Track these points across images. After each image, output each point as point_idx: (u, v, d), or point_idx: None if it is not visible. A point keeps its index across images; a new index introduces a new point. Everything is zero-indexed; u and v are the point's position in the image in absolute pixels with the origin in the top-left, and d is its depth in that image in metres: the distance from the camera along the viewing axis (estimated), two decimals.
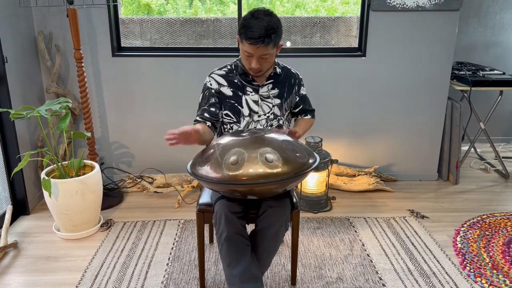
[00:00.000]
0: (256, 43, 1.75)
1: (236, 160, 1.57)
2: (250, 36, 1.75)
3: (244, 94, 1.96)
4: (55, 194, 2.35)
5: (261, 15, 1.77)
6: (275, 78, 2.00)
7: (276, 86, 2.00)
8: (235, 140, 1.67)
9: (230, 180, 1.55)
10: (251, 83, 1.97)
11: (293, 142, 1.72)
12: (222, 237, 1.73)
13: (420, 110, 3.15)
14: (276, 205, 1.77)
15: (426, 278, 2.13)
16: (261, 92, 1.97)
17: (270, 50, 1.80)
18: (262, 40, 1.75)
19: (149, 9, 3.19)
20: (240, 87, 1.97)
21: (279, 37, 1.82)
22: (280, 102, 2.00)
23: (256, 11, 1.80)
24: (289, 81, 2.03)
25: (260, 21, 1.75)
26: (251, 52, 1.80)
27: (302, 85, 2.09)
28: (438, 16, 2.94)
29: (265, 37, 1.74)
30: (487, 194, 3.09)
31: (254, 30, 1.74)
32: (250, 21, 1.77)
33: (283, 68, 2.04)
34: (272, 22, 1.77)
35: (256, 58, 1.81)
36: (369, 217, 2.72)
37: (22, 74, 2.70)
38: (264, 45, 1.76)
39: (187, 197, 3.01)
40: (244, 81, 1.97)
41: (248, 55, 1.82)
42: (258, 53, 1.79)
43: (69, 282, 2.09)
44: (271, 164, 1.57)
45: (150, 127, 3.11)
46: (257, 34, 1.74)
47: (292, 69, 2.08)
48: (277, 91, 1.99)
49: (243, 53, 1.85)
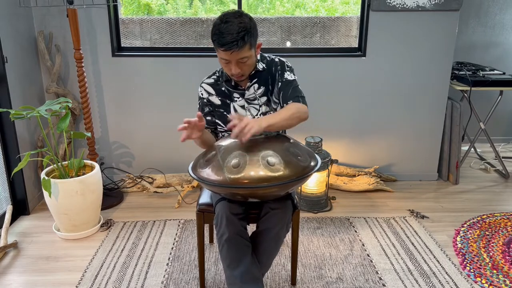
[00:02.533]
0: (230, 49, 1.65)
1: (237, 163, 1.56)
2: (222, 43, 1.65)
3: (231, 101, 1.90)
4: (55, 194, 2.35)
5: (231, 18, 1.66)
6: (258, 75, 1.87)
7: (261, 83, 1.88)
8: (237, 142, 1.66)
9: (232, 183, 1.54)
10: (237, 88, 1.89)
11: (295, 144, 1.71)
12: (223, 238, 1.72)
13: (420, 110, 3.15)
14: (277, 207, 1.76)
15: (426, 278, 2.13)
16: (247, 95, 1.89)
17: (246, 53, 1.70)
18: (236, 44, 1.64)
19: (149, 9, 3.19)
20: (228, 95, 1.90)
21: (253, 37, 1.70)
22: (267, 98, 1.89)
23: (225, 15, 1.68)
24: (271, 72, 1.88)
25: (230, 25, 1.64)
26: (228, 58, 1.70)
27: (286, 70, 1.87)
28: (438, 16, 2.94)
29: (237, 40, 1.64)
30: (487, 194, 3.09)
31: (225, 35, 1.64)
32: (220, 26, 1.66)
33: (268, 62, 1.89)
34: (243, 23, 1.66)
35: (235, 63, 1.72)
36: (369, 217, 2.72)
37: (22, 74, 2.70)
38: (238, 49, 1.66)
39: (187, 197, 3.01)
40: (230, 87, 1.89)
41: (225, 62, 1.73)
42: (235, 58, 1.69)
43: (69, 282, 2.09)
44: (273, 167, 1.56)
45: (150, 127, 3.10)
46: (228, 39, 1.63)
47: (277, 58, 1.91)
48: (263, 88, 1.88)
49: (220, 60, 1.75)
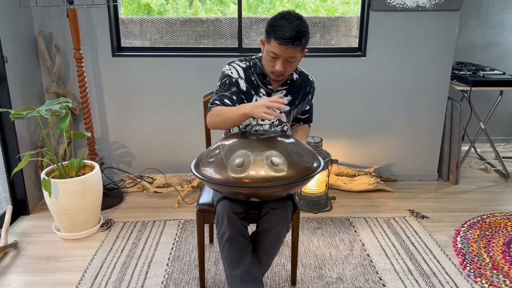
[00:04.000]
0: (286, 44, 1.68)
1: (241, 163, 1.56)
2: (280, 36, 1.68)
3: (256, 94, 1.89)
4: (55, 194, 2.35)
5: (292, 17, 1.70)
6: (290, 84, 1.91)
7: (290, 93, 1.91)
8: (241, 141, 1.65)
9: (235, 183, 1.54)
10: (266, 86, 1.90)
11: (299, 145, 1.71)
12: (223, 238, 1.72)
13: (420, 110, 3.15)
14: (278, 207, 1.76)
15: (426, 278, 2.13)
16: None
17: (297, 54, 1.74)
18: (293, 41, 1.68)
19: (149, 9, 3.19)
20: (255, 86, 1.90)
21: (307, 42, 1.75)
22: (290, 109, 1.92)
23: (287, 13, 1.72)
24: (304, 89, 1.95)
25: (291, 22, 1.68)
26: (278, 53, 1.71)
27: (314, 94, 2.02)
28: (438, 16, 2.94)
29: (295, 39, 1.68)
30: (487, 194, 3.09)
31: (285, 30, 1.67)
32: (280, 21, 1.69)
33: (301, 74, 1.96)
34: (303, 25, 1.70)
35: (282, 60, 1.73)
36: (369, 217, 2.72)
37: (22, 74, 2.70)
38: (293, 47, 1.69)
39: (187, 197, 3.01)
40: (260, 81, 1.90)
41: (274, 56, 1.73)
42: (286, 55, 1.71)
43: (69, 282, 2.09)
44: (277, 167, 1.55)
45: (150, 127, 3.11)
46: (288, 34, 1.67)
47: (310, 76, 1.99)
48: (290, 98, 1.91)
49: (267, 54, 1.76)
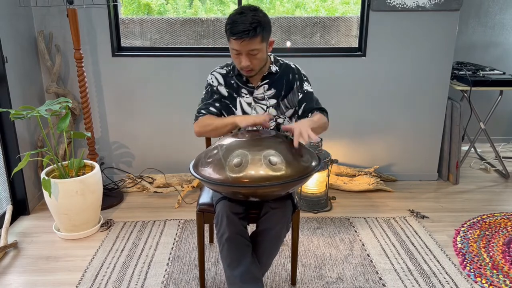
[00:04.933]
0: (241, 38, 1.71)
1: (239, 162, 1.56)
2: (234, 31, 1.71)
3: (239, 96, 1.93)
4: (55, 194, 2.35)
5: (246, 11, 1.74)
6: (270, 77, 1.92)
7: (272, 86, 1.92)
8: (239, 141, 1.66)
9: (233, 182, 1.55)
10: (247, 84, 1.93)
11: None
12: (223, 238, 1.72)
13: (420, 110, 3.15)
14: (278, 207, 1.76)
15: (426, 278, 2.13)
16: (256, 94, 1.93)
17: (257, 45, 1.75)
18: (247, 33, 1.70)
19: (149, 9, 3.19)
20: (236, 89, 1.94)
21: (266, 31, 1.76)
22: (277, 101, 1.93)
23: (241, 8, 1.76)
24: (287, 77, 1.94)
25: (244, 16, 1.71)
26: (238, 49, 1.75)
27: (305, 80, 1.96)
28: (438, 16, 2.94)
29: (249, 30, 1.70)
30: (487, 194, 3.09)
31: (238, 24, 1.71)
32: (234, 17, 1.73)
33: (281, 65, 1.95)
34: (257, 16, 1.73)
35: (245, 55, 1.76)
36: (369, 217, 2.72)
37: (22, 74, 2.70)
38: (249, 39, 1.71)
39: (187, 197, 3.01)
40: (240, 82, 1.93)
41: (236, 52, 1.78)
42: (246, 49, 1.74)
43: (69, 282, 2.09)
44: (275, 166, 1.56)
45: (150, 127, 3.10)
46: (241, 28, 1.70)
47: (292, 64, 1.98)
48: (273, 91, 1.92)
49: (231, 51, 1.80)
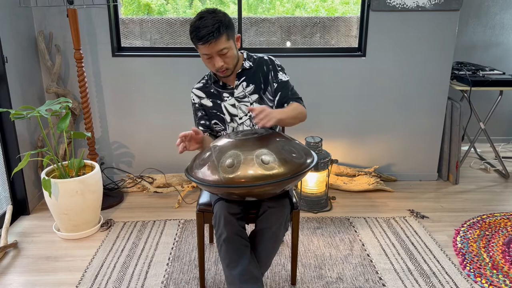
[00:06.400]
0: (207, 41, 1.73)
1: (232, 163, 1.57)
2: (199, 37, 1.74)
3: (222, 101, 1.96)
4: (55, 194, 2.35)
5: (205, 14, 1.76)
6: (246, 74, 1.94)
7: (250, 81, 1.94)
8: (231, 142, 1.67)
9: (227, 183, 1.55)
10: (226, 88, 1.96)
11: (290, 142, 1.72)
12: (221, 238, 1.73)
13: (420, 110, 3.15)
14: (275, 206, 1.77)
15: (426, 278, 2.13)
16: (236, 94, 1.95)
17: (224, 44, 1.77)
18: (212, 35, 1.72)
19: (149, 9, 3.19)
20: (217, 96, 1.97)
21: (229, 28, 1.78)
22: (258, 96, 1.95)
23: (200, 13, 1.78)
24: (261, 70, 1.95)
25: (205, 20, 1.74)
26: (208, 52, 1.78)
27: (279, 70, 1.96)
28: (438, 16, 2.94)
29: (213, 32, 1.72)
30: (487, 194, 3.09)
31: (201, 29, 1.73)
32: (195, 23, 1.76)
33: (255, 60, 1.97)
34: (217, 16, 1.75)
35: (216, 56, 1.79)
36: (369, 217, 2.72)
37: (22, 74, 2.70)
38: (215, 40, 1.74)
39: (187, 197, 3.01)
40: (219, 88, 1.96)
41: (207, 57, 1.81)
42: (215, 50, 1.77)
43: (69, 282, 2.09)
44: (268, 165, 1.56)
45: (150, 127, 3.11)
46: (204, 31, 1.72)
47: (265, 56, 1.99)
48: (252, 86, 1.94)
49: (203, 57, 1.83)
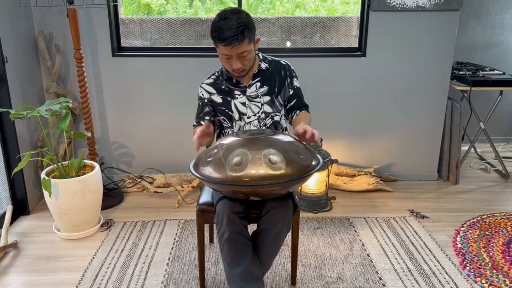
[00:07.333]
0: (230, 43, 1.73)
1: (239, 161, 1.57)
2: (222, 38, 1.73)
3: (232, 98, 1.95)
4: (55, 194, 2.35)
5: (229, 15, 1.74)
6: (261, 75, 1.95)
7: (264, 83, 1.95)
8: (239, 140, 1.66)
9: (233, 181, 1.55)
10: (238, 85, 1.95)
11: (296, 143, 1.72)
12: (223, 237, 1.73)
13: (420, 110, 3.15)
14: (278, 206, 1.76)
15: (426, 278, 2.13)
16: (249, 93, 1.95)
17: (246, 47, 1.77)
18: (236, 38, 1.72)
19: (149, 9, 3.19)
20: (228, 93, 1.96)
21: (252, 31, 1.78)
22: (271, 98, 1.96)
23: (224, 12, 1.76)
24: (278, 74, 1.97)
25: (229, 21, 1.72)
26: (228, 53, 1.77)
27: (294, 76, 2.01)
28: (438, 16, 2.94)
29: (237, 35, 1.71)
30: (487, 194, 3.09)
31: (225, 31, 1.72)
32: (219, 23, 1.74)
33: (271, 62, 1.98)
34: (241, 18, 1.74)
35: (235, 58, 1.79)
36: (369, 217, 2.72)
37: (22, 74, 2.70)
38: (238, 43, 1.73)
39: (187, 197, 3.01)
40: (231, 85, 1.96)
41: (226, 57, 1.80)
42: (236, 52, 1.77)
43: (69, 282, 2.09)
44: (275, 165, 1.56)
45: (150, 127, 3.11)
46: (228, 34, 1.71)
47: (282, 60, 2.01)
48: (266, 88, 1.95)
49: (221, 56, 1.82)
